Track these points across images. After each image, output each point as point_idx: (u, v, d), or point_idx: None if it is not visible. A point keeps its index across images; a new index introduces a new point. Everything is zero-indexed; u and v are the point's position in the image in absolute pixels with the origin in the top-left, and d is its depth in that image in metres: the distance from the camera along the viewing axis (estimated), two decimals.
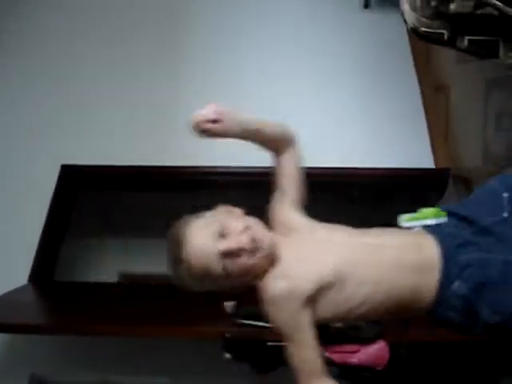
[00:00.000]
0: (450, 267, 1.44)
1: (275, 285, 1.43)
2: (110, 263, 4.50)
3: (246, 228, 1.42)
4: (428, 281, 1.45)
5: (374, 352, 2.30)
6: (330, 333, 2.23)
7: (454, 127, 3.51)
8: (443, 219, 1.57)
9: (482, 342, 2.61)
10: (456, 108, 3.45)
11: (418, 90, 3.84)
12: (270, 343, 2.39)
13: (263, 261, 1.43)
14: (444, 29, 1.67)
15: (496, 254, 1.45)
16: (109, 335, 2.73)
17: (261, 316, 2.36)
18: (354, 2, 4.31)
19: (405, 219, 1.61)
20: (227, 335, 2.34)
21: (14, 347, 3.24)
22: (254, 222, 1.46)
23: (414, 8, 1.67)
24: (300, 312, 1.43)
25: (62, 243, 3.88)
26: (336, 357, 2.31)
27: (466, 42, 1.66)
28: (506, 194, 1.55)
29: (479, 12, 1.60)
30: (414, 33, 1.74)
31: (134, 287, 3.53)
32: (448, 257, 1.45)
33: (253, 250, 1.40)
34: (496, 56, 1.68)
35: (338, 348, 2.31)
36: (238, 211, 1.52)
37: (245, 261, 1.40)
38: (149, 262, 4.46)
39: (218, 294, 2.29)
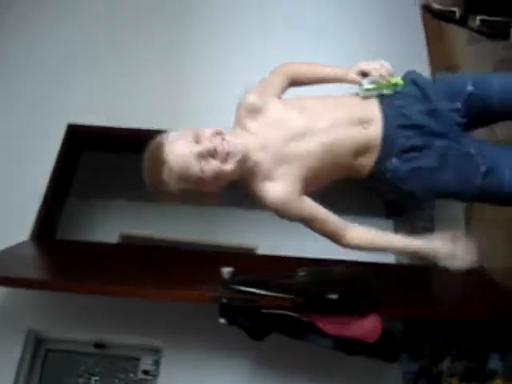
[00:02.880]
0: (389, 146, 1.68)
1: (270, 191, 1.66)
2: (112, 224, 4.53)
3: (218, 133, 1.59)
4: (368, 155, 1.71)
5: (366, 325, 2.33)
6: (323, 304, 2.27)
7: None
8: (400, 88, 1.73)
9: (475, 321, 2.65)
10: None
11: (428, 69, 3.82)
12: (264, 310, 2.42)
13: (237, 165, 1.60)
14: (456, 7, 1.66)
15: (437, 139, 1.67)
16: (105, 295, 2.75)
17: (256, 283, 2.42)
18: None
19: (364, 88, 1.74)
20: (223, 300, 2.37)
21: (11, 302, 3.26)
22: (224, 131, 1.62)
23: None
24: (301, 199, 1.70)
25: (65, 202, 3.90)
26: (329, 328, 2.35)
27: (477, 22, 1.65)
28: (470, 88, 1.70)
29: None
30: (426, 9, 1.74)
31: (133, 248, 3.55)
32: (388, 136, 1.68)
33: (226, 155, 1.57)
34: (507, 37, 1.68)
35: (331, 319, 2.35)
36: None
37: (219, 164, 1.56)
38: (150, 225, 4.51)
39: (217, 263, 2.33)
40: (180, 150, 1.55)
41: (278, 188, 1.65)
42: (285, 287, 2.35)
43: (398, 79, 1.75)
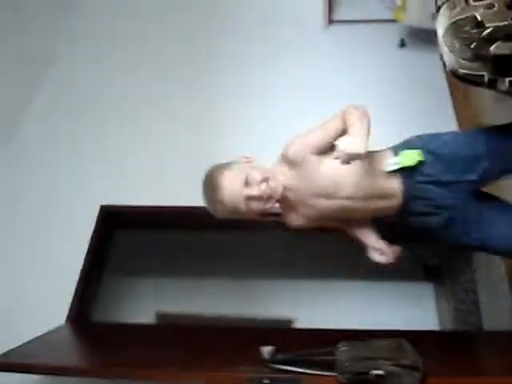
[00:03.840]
0: (405, 210, 2.02)
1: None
2: (148, 302, 4.51)
3: (264, 179, 1.91)
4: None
5: None
6: (369, 381, 2.17)
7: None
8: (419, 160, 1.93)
9: None
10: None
11: (455, 128, 3.81)
12: None
13: (275, 203, 1.97)
14: (484, 70, 1.64)
15: (443, 209, 1.99)
16: (138, 379, 2.70)
17: (298, 361, 2.34)
18: (390, 42, 4.34)
19: (388, 165, 1.97)
20: (265, 382, 2.29)
21: None
22: (270, 174, 1.94)
23: (452, 50, 1.65)
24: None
25: (101, 283, 3.89)
26: None
27: (507, 84, 1.63)
28: (485, 164, 1.94)
29: None
30: (453, 75, 1.72)
31: (169, 329, 3.50)
32: (405, 204, 1.99)
33: (269, 197, 1.92)
34: None
35: None
36: (254, 161, 2.00)
37: (262, 204, 1.92)
38: (186, 302, 4.48)
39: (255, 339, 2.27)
40: (232, 191, 1.88)
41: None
42: (327, 364, 2.26)
43: (420, 155, 1.94)
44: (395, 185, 1.98)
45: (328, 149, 1.91)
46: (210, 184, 1.94)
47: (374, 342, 2.31)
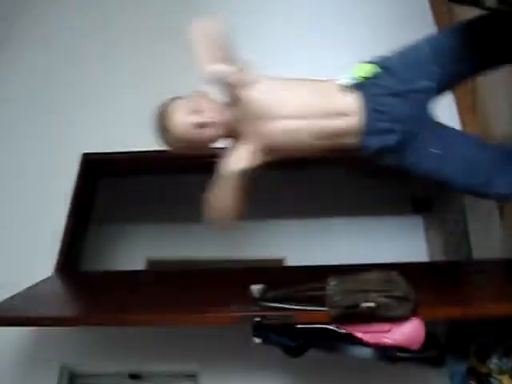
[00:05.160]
0: (368, 129, 1.93)
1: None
2: (137, 249, 4.50)
3: (212, 109, 1.93)
4: (349, 137, 1.96)
5: (408, 331, 2.22)
6: (360, 313, 2.16)
7: (482, 97, 3.39)
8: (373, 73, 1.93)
9: None
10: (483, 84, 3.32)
11: None
12: (299, 326, 2.33)
13: (222, 133, 1.97)
14: None
15: (404, 122, 1.92)
16: (134, 325, 2.71)
17: (288, 298, 2.33)
18: None
19: (341, 78, 1.95)
20: (256, 319, 2.28)
21: (42, 340, 3.22)
22: (216, 105, 1.96)
23: None
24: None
25: (87, 232, 3.85)
26: (368, 338, 2.24)
27: (494, 1, 1.55)
28: (434, 67, 1.93)
29: None
30: None
31: (160, 274, 3.48)
32: (367, 121, 1.92)
33: (215, 124, 1.93)
34: None
35: (369, 328, 2.24)
36: (206, 94, 1.99)
37: (209, 131, 1.93)
38: (175, 246, 4.47)
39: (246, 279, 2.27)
40: (179, 118, 1.92)
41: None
42: (318, 299, 2.25)
43: (373, 67, 1.94)
44: (352, 100, 1.94)
45: None
46: (160, 113, 1.99)
47: (364, 276, 2.29)
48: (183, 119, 1.90)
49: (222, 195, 1.97)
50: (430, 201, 4.57)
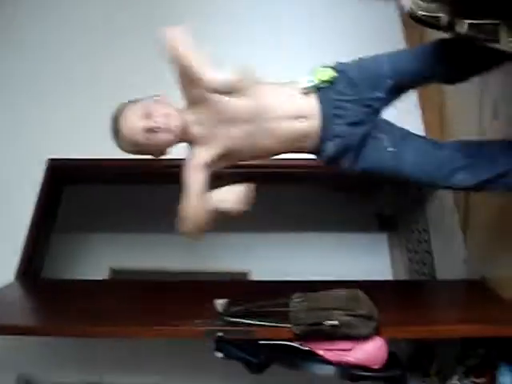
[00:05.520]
0: (325, 133, 1.96)
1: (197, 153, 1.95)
2: (100, 258, 4.44)
3: (166, 114, 1.88)
4: (308, 140, 1.99)
5: (370, 349, 2.23)
6: (322, 331, 2.17)
7: (449, 113, 3.44)
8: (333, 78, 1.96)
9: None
10: (452, 94, 3.36)
11: None
12: (261, 341, 2.32)
13: (176, 138, 1.92)
14: (442, 13, 1.58)
15: (360, 126, 1.98)
16: (94, 337, 2.66)
17: (252, 313, 2.32)
18: None
19: (303, 82, 1.96)
20: (218, 334, 2.27)
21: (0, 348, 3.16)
22: (171, 109, 1.91)
23: None
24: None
25: (50, 239, 3.79)
26: (330, 355, 2.24)
27: (466, 27, 1.57)
28: (389, 81, 1.99)
29: None
30: (411, 17, 1.66)
31: (123, 284, 3.44)
32: (324, 125, 1.95)
33: (167, 130, 1.87)
34: (496, 41, 1.60)
35: (332, 346, 2.25)
36: (163, 99, 1.95)
37: (161, 136, 1.87)
38: (139, 256, 4.43)
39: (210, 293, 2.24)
40: (131, 122, 1.88)
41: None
42: (281, 315, 2.25)
43: (333, 72, 1.96)
44: (312, 103, 1.96)
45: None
46: (114, 117, 1.96)
47: (328, 293, 2.30)
48: (134, 124, 1.87)
49: (192, 206, 1.93)
50: (394, 219, 4.61)
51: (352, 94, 1.98)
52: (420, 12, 1.60)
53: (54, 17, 4.27)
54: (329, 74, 1.96)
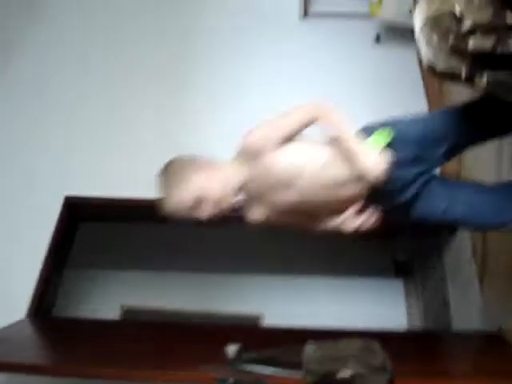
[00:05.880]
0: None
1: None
2: (112, 296, 4.43)
3: (215, 203, 1.84)
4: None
5: None
6: (335, 381, 2.13)
7: (469, 165, 3.43)
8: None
9: None
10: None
11: None
12: None
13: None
14: (462, 66, 1.59)
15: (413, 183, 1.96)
16: (104, 379, 2.62)
17: (264, 361, 2.28)
18: (365, 37, 4.31)
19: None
20: (229, 382, 2.23)
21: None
22: (224, 190, 1.86)
23: (430, 44, 1.59)
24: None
25: (63, 276, 3.79)
26: None
27: (484, 80, 1.58)
28: (444, 146, 1.97)
29: (499, 49, 1.52)
30: (430, 70, 1.66)
31: (134, 326, 3.41)
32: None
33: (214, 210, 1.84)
34: None
35: None
36: (214, 162, 1.91)
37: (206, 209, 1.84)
38: (151, 295, 4.41)
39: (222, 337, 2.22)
40: (180, 199, 1.83)
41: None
42: (294, 364, 2.21)
43: (389, 134, 1.92)
44: (373, 164, 1.87)
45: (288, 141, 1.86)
46: (164, 176, 1.90)
47: (342, 343, 2.26)
48: (184, 201, 1.83)
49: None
50: (411, 265, 4.57)
51: (408, 155, 1.94)
52: (439, 66, 1.61)
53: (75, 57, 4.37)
54: (386, 138, 1.92)
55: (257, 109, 3.89)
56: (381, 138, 1.91)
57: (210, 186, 1.84)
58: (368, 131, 1.96)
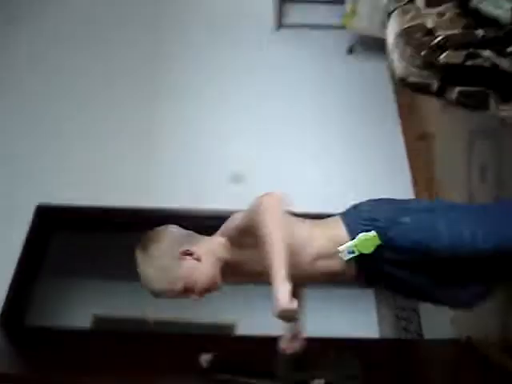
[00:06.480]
0: None
1: None
2: (83, 306, 4.39)
3: (205, 290, 1.84)
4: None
5: None
6: None
7: (439, 176, 3.48)
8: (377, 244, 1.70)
9: None
10: (440, 157, 3.41)
11: (401, 138, 3.84)
12: None
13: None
14: (433, 79, 1.62)
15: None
16: None
17: (238, 370, 2.29)
18: (338, 48, 4.35)
19: (343, 253, 1.74)
20: None
21: None
22: (214, 276, 1.85)
23: (402, 57, 1.63)
24: None
25: (34, 286, 3.74)
26: None
27: (455, 93, 1.61)
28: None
29: (470, 63, 1.56)
30: (402, 83, 1.69)
31: (106, 335, 3.39)
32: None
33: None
34: (486, 108, 1.64)
35: None
36: (201, 247, 1.83)
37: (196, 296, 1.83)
38: (123, 304, 4.37)
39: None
40: (168, 281, 1.77)
41: None
42: (268, 374, 2.22)
43: (377, 239, 1.71)
44: (351, 267, 1.80)
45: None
46: (146, 252, 1.84)
47: (313, 352, 2.27)
48: (172, 286, 1.76)
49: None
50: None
51: (395, 258, 1.74)
52: (411, 78, 1.64)
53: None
54: (373, 243, 1.71)
55: (230, 120, 3.95)
56: (365, 244, 1.73)
57: (196, 277, 1.79)
58: (355, 221, 1.79)
